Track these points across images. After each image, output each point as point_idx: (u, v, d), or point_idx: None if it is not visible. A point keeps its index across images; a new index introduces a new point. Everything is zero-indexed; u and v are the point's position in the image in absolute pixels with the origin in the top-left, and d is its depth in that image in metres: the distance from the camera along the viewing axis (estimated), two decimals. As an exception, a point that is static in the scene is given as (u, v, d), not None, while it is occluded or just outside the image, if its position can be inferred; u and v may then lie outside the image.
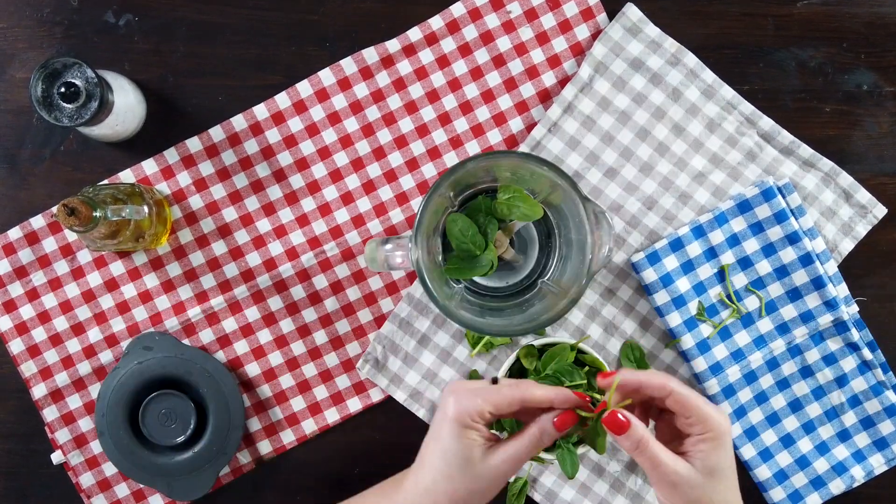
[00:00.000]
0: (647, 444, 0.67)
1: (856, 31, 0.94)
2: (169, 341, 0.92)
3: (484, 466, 0.69)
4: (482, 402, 0.69)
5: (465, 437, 0.69)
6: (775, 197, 0.91)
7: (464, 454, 0.69)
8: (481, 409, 0.69)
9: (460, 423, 0.69)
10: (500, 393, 0.70)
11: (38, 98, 0.80)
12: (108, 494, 0.94)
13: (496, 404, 0.70)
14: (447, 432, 0.70)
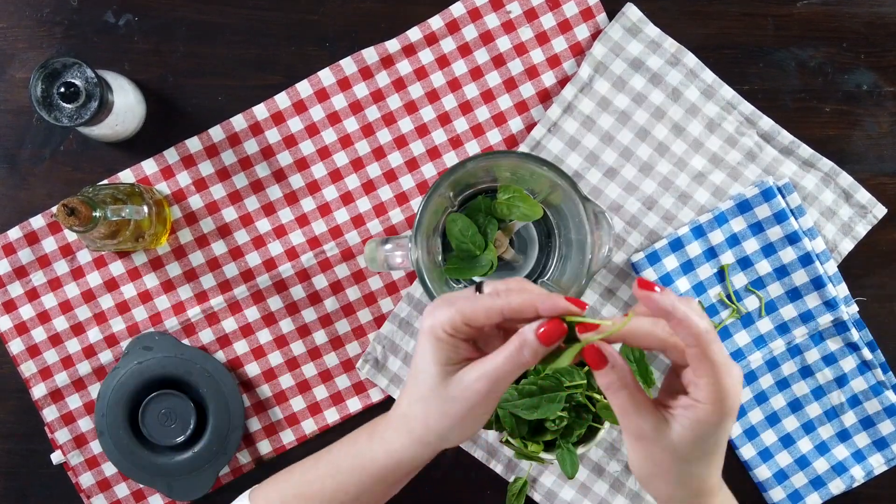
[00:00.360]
0: (619, 390, 0.58)
1: (856, 31, 0.94)
2: (169, 341, 0.92)
3: (457, 385, 0.60)
4: (456, 311, 0.59)
5: (437, 353, 0.60)
6: (775, 197, 0.91)
7: (435, 371, 0.60)
8: (454, 320, 0.59)
9: (432, 336, 0.60)
10: (478, 304, 0.59)
11: (37, 98, 0.80)
12: (107, 494, 0.94)
13: (470, 315, 0.59)
14: (419, 348, 0.61)
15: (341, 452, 0.69)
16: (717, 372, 0.56)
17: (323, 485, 0.68)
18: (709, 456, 0.60)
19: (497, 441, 0.94)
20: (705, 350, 0.55)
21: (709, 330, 0.55)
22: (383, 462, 0.66)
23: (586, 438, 0.90)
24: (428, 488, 0.95)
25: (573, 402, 0.89)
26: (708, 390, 0.56)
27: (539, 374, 0.89)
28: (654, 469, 0.60)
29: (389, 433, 0.65)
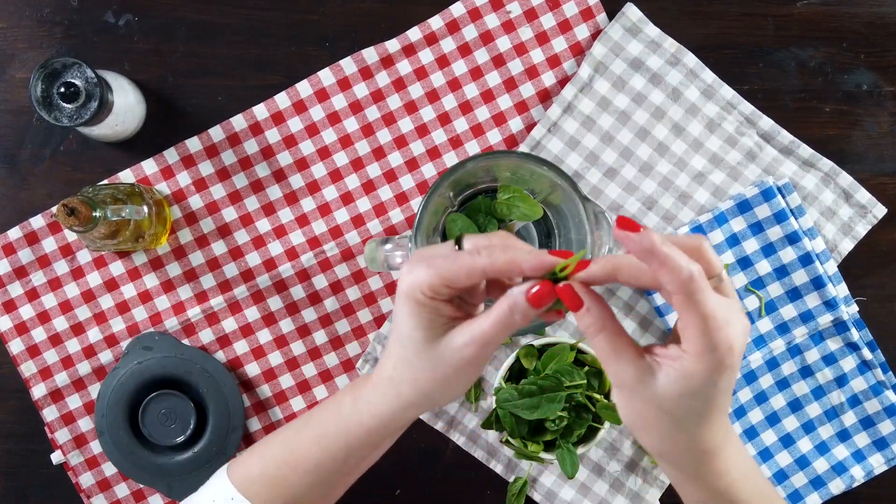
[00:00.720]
0: (598, 333, 0.55)
1: (856, 31, 0.94)
2: (169, 341, 0.92)
3: (445, 349, 0.57)
4: (434, 273, 0.55)
5: (420, 317, 0.57)
6: (775, 197, 0.91)
7: (420, 336, 0.57)
8: (433, 283, 0.55)
9: (413, 300, 0.56)
10: (457, 263, 0.55)
11: (37, 98, 0.80)
12: (107, 494, 0.94)
13: (450, 277, 0.55)
14: (400, 312, 0.58)
15: (325, 418, 0.66)
16: (707, 322, 0.51)
17: (308, 451, 0.66)
18: (701, 415, 0.55)
19: (497, 441, 0.94)
20: (690, 298, 0.51)
21: (694, 276, 0.51)
22: (370, 425, 0.63)
23: (586, 438, 0.90)
24: (428, 488, 0.95)
25: (573, 402, 0.89)
26: (695, 342, 0.52)
27: (539, 374, 0.89)
28: (639, 421, 0.56)
29: (376, 396, 0.62)
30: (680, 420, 0.55)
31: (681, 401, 0.54)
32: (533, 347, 0.91)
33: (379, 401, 0.62)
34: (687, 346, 0.53)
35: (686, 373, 0.53)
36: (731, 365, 0.52)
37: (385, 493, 0.95)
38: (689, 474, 0.58)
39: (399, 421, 0.63)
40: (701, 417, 0.55)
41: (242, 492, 0.67)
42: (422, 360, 0.58)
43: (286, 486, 0.67)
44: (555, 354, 0.89)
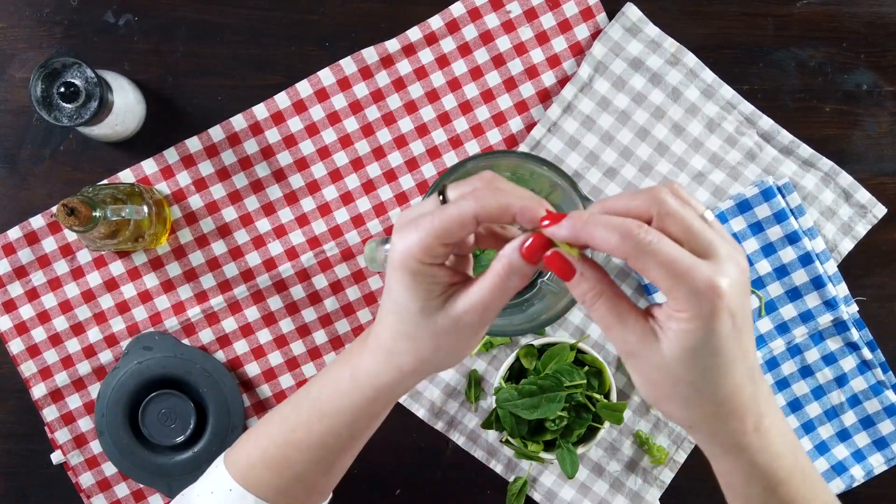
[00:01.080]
0: (595, 300, 0.51)
1: (856, 30, 0.94)
2: (169, 341, 0.92)
3: (445, 319, 0.54)
4: (426, 234, 0.52)
5: (416, 286, 0.54)
6: (775, 197, 0.91)
7: (418, 307, 0.54)
8: (426, 245, 0.52)
9: (407, 270, 0.53)
10: (446, 216, 0.51)
11: (37, 98, 0.80)
12: (107, 494, 0.94)
13: (442, 233, 0.52)
14: (395, 282, 0.54)
15: (324, 394, 0.63)
16: (670, 269, 0.47)
17: (311, 428, 0.63)
18: (715, 371, 0.50)
19: (497, 441, 0.94)
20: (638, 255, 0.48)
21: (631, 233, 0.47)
22: (372, 397, 0.61)
23: (586, 438, 0.90)
24: (428, 488, 0.95)
25: (573, 402, 0.89)
26: (673, 295, 0.48)
27: (539, 374, 0.89)
28: (656, 391, 0.52)
29: (377, 367, 0.59)
30: (694, 382, 0.51)
31: (688, 360, 0.50)
32: (533, 347, 0.91)
33: (381, 372, 0.59)
34: (671, 303, 0.49)
35: (680, 329, 0.49)
36: (721, 306, 0.48)
37: (385, 493, 0.95)
38: (725, 445, 0.53)
39: (401, 390, 0.60)
40: (716, 374, 0.50)
41: (242, 479, 0.66)
42: (422, 331, 0.55)
43: (289, 465, 0.65)
44: (555, 354, 0.89)
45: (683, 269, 0.47)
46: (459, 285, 0.55)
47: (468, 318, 0.54)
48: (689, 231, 0.49)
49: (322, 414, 0.63)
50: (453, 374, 0.94)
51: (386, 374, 0.59)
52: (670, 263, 0.47)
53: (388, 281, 0.56)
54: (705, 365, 0.50)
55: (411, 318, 0.55)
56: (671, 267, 0.47)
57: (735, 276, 0.48)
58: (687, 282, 0.47)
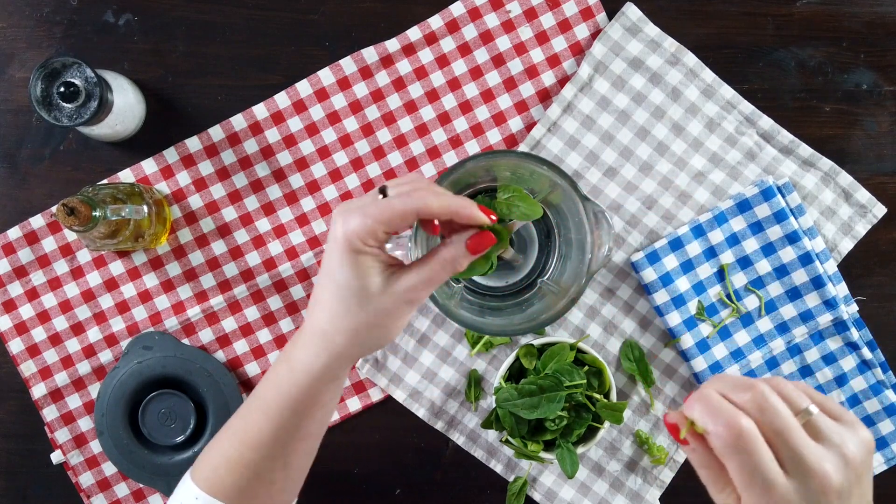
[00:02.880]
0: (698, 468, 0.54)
1: (855, 30, 0.94)
2: (168, 341, 0.93)
3: (386, 296, 0.60)
4: (372, 220, 0.58)
5: (359, 265, 0.59)
6: (775, 196, 0.91)
7: (360, 284, 0.59)
8: (372, 228, 0.58)
9: (350, 249, 0.59)
10: (392, 207, 0.58)
11: (37, 98, 0.80)
12: (107, 494, 0.94)
13: (388, 221, 0.58)
14: (337, 262, 0.59)
15: (266, 390, 0.66)
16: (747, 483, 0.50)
17: (259, 425, 0.66)
18: None
19: (497, 441, 0.94)
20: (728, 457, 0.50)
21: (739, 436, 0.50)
22: (306, 383, 0.64)
23: (586, 438, 0.90)
24: (428, 488, 0.95)
25: (573, 402, 0.89)
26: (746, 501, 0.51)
27: (539, 374, 0.89)
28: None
29: (309, 355, 0.63)
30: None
31: None
32: (533, 347, 0.91)
33: (312, 358, 0.63)
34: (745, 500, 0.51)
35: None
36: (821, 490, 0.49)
37: (385, 493, 0.95)
38: None
39: (333, 372, 0.64)
40: None
41: (207, 487, 0.68)
42: (363, 308, 0.60)
43: (246, 464, 0.67)
44: (555, 354, 0.89)
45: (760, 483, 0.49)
46: (396, 268, 0.61)
47: (410, 294, 0.60)
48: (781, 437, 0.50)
49: (266, 408, 0.66)
50: (453, 374, 0.94)
51: (317, 358, 0.63)
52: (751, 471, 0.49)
53: (327, 264, 0.60)
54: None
55: (352, 295, 0.59)
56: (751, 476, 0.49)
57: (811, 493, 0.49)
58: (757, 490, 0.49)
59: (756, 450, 0.49)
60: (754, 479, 0.49)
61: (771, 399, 0.51)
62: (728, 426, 0.50)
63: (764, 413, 0.50)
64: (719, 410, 0.50)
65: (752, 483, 0.49)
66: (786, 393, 0.52)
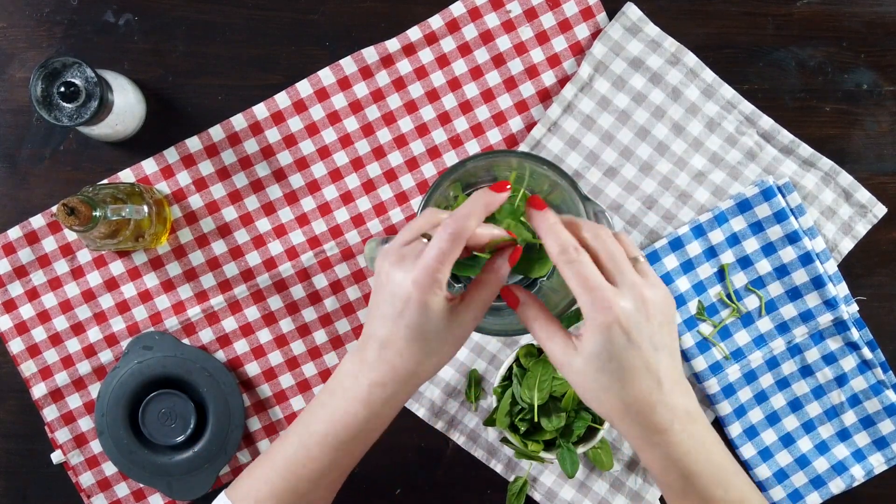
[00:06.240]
0: (533, 321, 0.65)
1: (855, 30, 0.94)
2: (169, 341, 0.92)
3: (457, 328, 0.65)
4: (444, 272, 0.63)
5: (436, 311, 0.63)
6: (775, 196, 0.91)
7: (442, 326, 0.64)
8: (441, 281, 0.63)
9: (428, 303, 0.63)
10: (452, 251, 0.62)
11: (37, 98, 0.80)
12: (107, 494, 0.94)
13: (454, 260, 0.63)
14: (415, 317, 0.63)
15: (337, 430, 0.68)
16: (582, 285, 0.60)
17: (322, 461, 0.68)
18: (618, 375, 0.61)
19: (497, 440, 0.94)
20: (565, 266, 0.61)
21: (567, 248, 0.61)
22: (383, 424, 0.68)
23: (586, 438, 0.90)
24: (428, 488, 0.95)
25: (574, 403, 0.89)
26: (583, 307, 0.60)
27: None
28: (580, 391, 0.63)
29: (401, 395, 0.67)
30: (600, 381, 0.61)
31: (593, 363, 0.61)
32: (533, 347, 0.91)
33: (401, 400, 0.67)
34: (582, 314, 0.61)
35: (586, 337, 0.61)
36: (611, 320, 0.59)
37: (385, 493, 0.95)
38: (640, 440, 0.63)
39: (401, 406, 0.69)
40: (618, 378, 0.61)
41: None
42: (445, 343, 0.65)
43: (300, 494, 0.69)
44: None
45: (591, 286, 0.60)
46: (454, 302, 0.65)
47: (475, 321, 0.66)
48: (611, 261, 0.62)
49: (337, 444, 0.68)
50: (453, 374, 0.94)
51: (404, 396, 0.67)
52: (583, 280, 0.60)
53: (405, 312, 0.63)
54: (607, 368, 0.61)
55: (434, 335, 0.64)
56: (583, 282, 0.60)
57: (633, 303, 0.60)
58: (590, 296, 0.60)
59: (586, 260, 0.61)
60: (588, 283, 0.60)
61: (603, 233, 0.63)
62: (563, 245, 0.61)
63: (597, 239, 0.62)
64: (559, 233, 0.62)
65: (586, 287, 0.60)
66: (621, 238, 0.64)
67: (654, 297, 0.62)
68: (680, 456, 0.62)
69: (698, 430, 0.64)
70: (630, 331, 0.60)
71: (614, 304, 0.60)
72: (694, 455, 0.63)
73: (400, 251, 0.64)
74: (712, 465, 0.64)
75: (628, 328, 0.60)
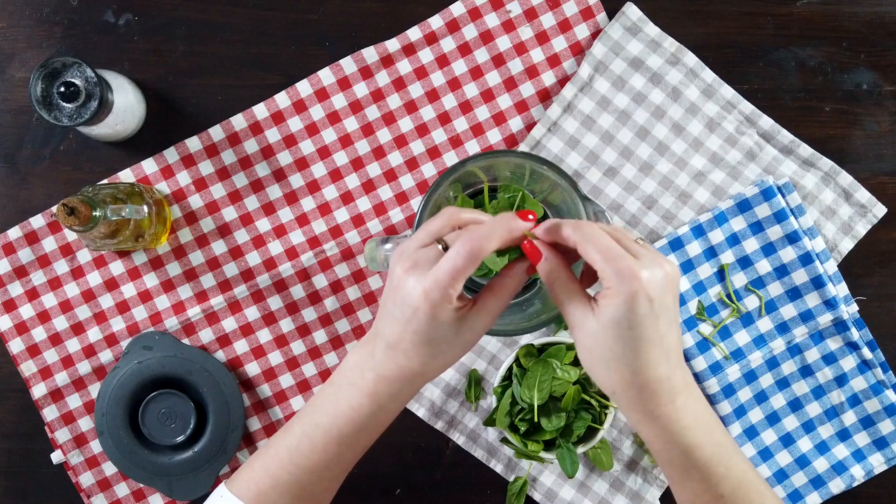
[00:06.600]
0: (554, 280, 0.64)
1: (855, 30, 0.94)
2: (169, 341, 0.92)
3: (469, 333, 0.65)
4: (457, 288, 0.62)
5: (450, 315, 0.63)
6: (775, 196, 0.91)
7: (450, 334, 0.64)
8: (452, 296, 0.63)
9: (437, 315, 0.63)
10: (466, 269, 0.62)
11: (37, 97, 0.80)
12: (107, 494, 0.94)
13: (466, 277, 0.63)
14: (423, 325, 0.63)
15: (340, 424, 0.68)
16: (604, 255, 0.60)
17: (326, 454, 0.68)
18: (632, 345, 0.61)
19: (497, 441, 0.94)
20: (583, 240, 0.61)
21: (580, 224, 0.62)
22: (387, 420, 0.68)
23: (586, 438, 0.90)
24: (428, 488, 0.95)
25: (574, 403, 0.89)
26: (603, 277, 0.60)
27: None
28: (587, 355, 0.63)
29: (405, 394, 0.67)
30: (613, 349, 0.61)
31: (611, 330, 0.61)
32: (533, 347, 0.91)
33: (406, 397, 0.68)
34: (603, 283, 0.61)
35: (606, 303, 0.60)
36: (638, 288, 0.59)
37: (385, 493, 0.95)
38: (642, 413, 0.63)
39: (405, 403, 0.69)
40: (633, 346, 0.61)
41: None
42: (453, 348, 0.65)
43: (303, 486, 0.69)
44: (553, 354, 0.89)
45: (613, 256, 0.60)
46: (465, 307, 0.65)
47: (486, 327, 0.66)
48: (622, 241, 0.62)
49: (341, 437, 0.68)
50: (453, 374, 0.94)
51: (408, 394, 0.67)
52: (605, 250, 0.60)
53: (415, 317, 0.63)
54: (624, 336, 0.60)
55: (446, 341, 0.64)
56: (605, 253, 0.60)
57: (656, 273, 0.60)
58: (614, 265, 0.60)
59: (602, 234, 0.61)
60: (610, 253, 0.60)
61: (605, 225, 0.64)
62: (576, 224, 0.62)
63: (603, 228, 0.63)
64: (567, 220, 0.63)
65: (609, 257, 0.60)
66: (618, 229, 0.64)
67: (672, 270, 0.62)
68: (681, 429, 0.63)
69: (699, 405, 0.64)
70: (654, 300, 0.60)
71: (640, 273, 0.59)
72: (695, 430, 0.63)
73: (414, 256, 0.64)
74: (713, 442, 0.64)
75: (652, 298, 0.60)
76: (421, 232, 0.66)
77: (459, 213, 0.67)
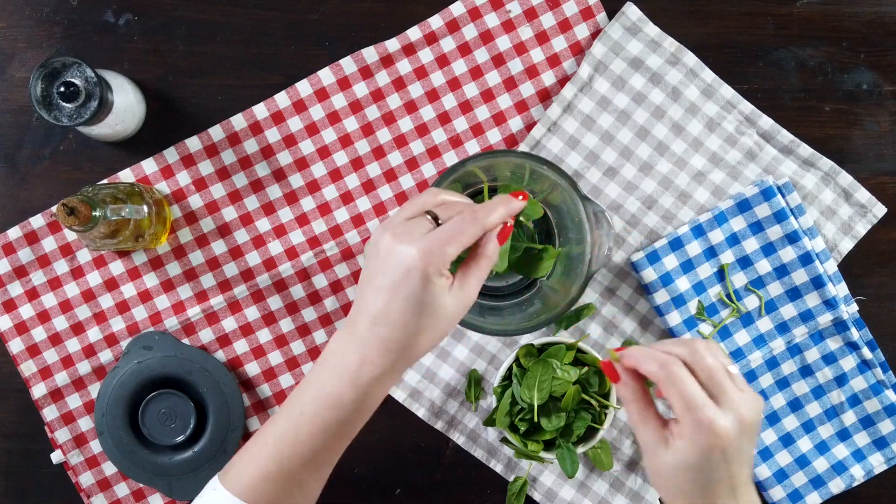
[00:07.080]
0: (630, 402, 0.67)
1: (855, 30, 0.94)
2: (169, 341, 0.93)
3: (458, 304, 0.66)
4: (453, 248, 0.64)
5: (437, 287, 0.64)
6: (775, 196, 0.91)
7: (440, 302, 0.65)
8: (452, 258, 0.64)
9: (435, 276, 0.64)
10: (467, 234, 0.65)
11: (37, 97, 0.80)
12: (107, 494, 0.94)
13: (464, 245, 0.65)
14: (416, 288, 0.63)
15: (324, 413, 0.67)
16: (684, 403, 0.63)
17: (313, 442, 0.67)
18: (701, 487, 0.64)
19: (497, 440, 0.94)
20: (667, 384, 0.63)
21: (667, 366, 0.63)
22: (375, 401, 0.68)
23: (586, 438, 0.90)
24: (428, 488, 0.95)
25: (574, 403, 0.89)
26: (681, 421, 0.63)
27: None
28: (655, 480, 0.67)
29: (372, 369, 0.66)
30: (682, 487, 0.64)
31: (682, 470, 0.64)
32: (533, 347, 0.91)
33: (386, 374, 0.66)
34: (681, 424, 0.63)
35: (678, 447, 0.64)
36: (714, 443, 0.62)
37: (385, 493, 0.95)
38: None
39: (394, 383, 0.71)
40: (702, 487, 0.64)
41: (246, 497, 0.68)
42: (440, 320, 0.65)
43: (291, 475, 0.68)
44: (553, 354, 0.89)
45: (694, 405, 0.62)
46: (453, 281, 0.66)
47: (476, 292, 0.67)
48: (711, 379, 0.63)
49: (326, 426, 0.67)
50: (453, 374, 0.94)
51: (394, 374, 0.67)
52: (687, 398, 0.63)
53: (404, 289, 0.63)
54: (694, 478, 0.64)
55: (434, 311, 0.64)
56: (688, 402, 0.62)
57: (734, 423, 0.63)
58: (694, 415, 0.62)
59: (687, 378, 0.63)
60: (691, 403, 0.62)
61: (701, 348, 0.65)
62: (662, 362, 0.64)
63: (695, 355, 0.64)
64: (654, 354, 0.65)
65: (689, 407, 0.62)
66: (714, 349, 0.65)
67: (752, 416, 0.64)
68: None
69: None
70: (727, 452, 0.63)
71: (717, 426, 0.62)
72: None
73: (405, 225, 0.65)
74: None
75: (726, 450, 0.63)
76: (406, 207, 0.67)
77: (441, 191, 0.69)
